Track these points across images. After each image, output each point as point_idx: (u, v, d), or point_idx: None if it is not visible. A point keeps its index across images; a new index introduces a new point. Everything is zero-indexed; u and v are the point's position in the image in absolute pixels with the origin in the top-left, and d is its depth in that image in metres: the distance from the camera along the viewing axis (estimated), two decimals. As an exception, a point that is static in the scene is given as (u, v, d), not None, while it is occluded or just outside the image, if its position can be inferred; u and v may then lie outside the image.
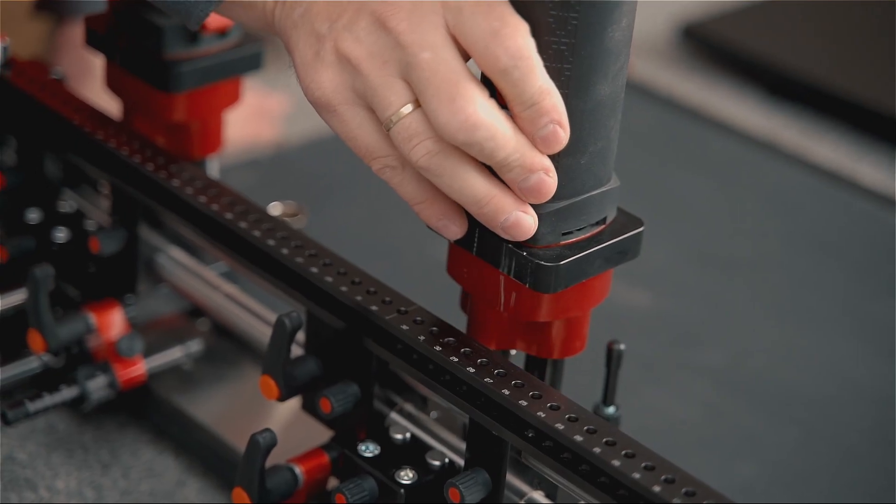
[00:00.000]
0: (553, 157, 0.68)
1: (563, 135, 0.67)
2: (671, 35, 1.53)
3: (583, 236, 0.71)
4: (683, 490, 0.65)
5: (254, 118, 1.30)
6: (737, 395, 0.98)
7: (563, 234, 0.70)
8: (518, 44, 0.65)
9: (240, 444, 0.87)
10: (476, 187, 0.68)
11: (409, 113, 0.67)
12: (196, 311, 0.96)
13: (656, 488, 0.65)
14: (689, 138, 1.29)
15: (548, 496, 0.74)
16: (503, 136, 0.66)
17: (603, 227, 0.73)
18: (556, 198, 0.69)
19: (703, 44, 1.49)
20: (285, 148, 1.27)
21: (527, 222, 0.69)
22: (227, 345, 0.95)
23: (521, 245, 0.70)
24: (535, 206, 0.69)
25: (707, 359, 1.02)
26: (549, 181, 0.68)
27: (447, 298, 0.78)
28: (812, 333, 1.04)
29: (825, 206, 1.21)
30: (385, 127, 0.68)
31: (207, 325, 0.95)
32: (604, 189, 0.72)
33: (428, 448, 0.77)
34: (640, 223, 0.74)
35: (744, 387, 0.98)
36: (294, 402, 0.90)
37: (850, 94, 1.38)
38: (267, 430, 0.74)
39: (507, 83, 0.66)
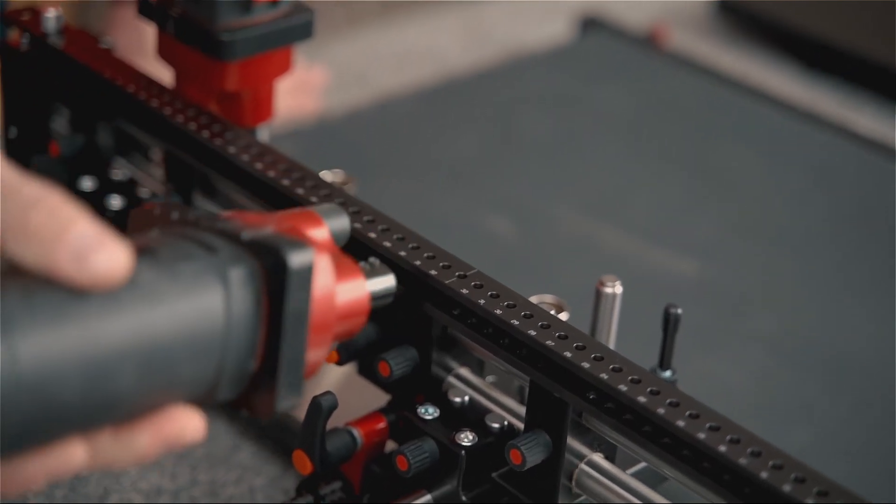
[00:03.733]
0: None
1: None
2: (708, 7, 1.52)
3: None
4: (749, 450, 0.65)
5: (296, 91, 1.30)
6: (790, 362, 0.98)
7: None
8: None
9: (295, 409, 0.88)
10: None
11: None
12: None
13: (722, 448, 0.65)
14: (730, 109, 1.29)
15: (607, 458, 0.74)
16: None
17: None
18: None
19: (739, 16, 1.49)
20: (327, 120, 1.27)
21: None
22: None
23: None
24: None
25: (758, 326, 1.02)
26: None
27: (498, 270, 0.78)
28: (862, 301, 1.04)
29: (869, 175, 1.20)
30: None
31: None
32: None
33: (487, 411, 0.77)
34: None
35: (797, 354, 0.99)
36: (345, 368, 0.90)
37: (889, 63, 1.38)
38: (328, 392, 0.75)
39: None
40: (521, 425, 0.76)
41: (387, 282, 0.69)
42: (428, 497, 0.76)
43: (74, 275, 0.53)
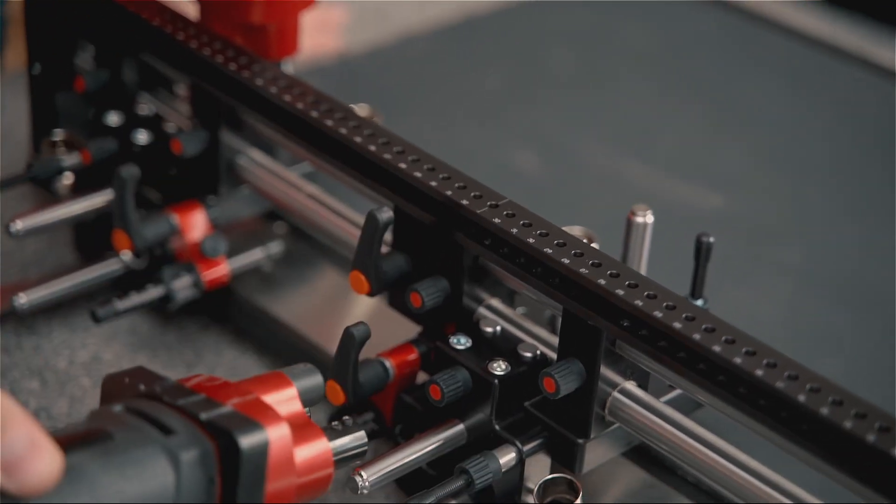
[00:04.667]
0: None
1: None
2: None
3: None
4: (786, 373, 0.65)
5: (316, 30, 1.30)
6: (818, 292, 0.98)
7: None
8: None
9: (323, 342, 0.88)
10: None
11: None
12: (273, 215, 0.96)
13: (759, 372, 0.65)
14: (754, 43, 1.28)
15: (640, 386, 0.74)
16: None
17: None
18: None
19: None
20: (349, 57, 1.26)
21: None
22: (305, 247, 0.95)
23: None
24: None
25: (787, 257, 1.01)
26: None
27: (524, 204, 0.78)
28: (890, 231, 1.04)
29: (893, 107, 1.20)
30: None
31: (284, 229, 0.96)
32: None
33: (518, 341, 0.77)
34: None
35: (825, 284, 0.98)
36: (372, 303, 0.91)
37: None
38: (361, 322, 0.75)
39: None
40: (553, 355, 0.76)
41: (357, 440, 0.71)
42: (461, 426, 0.76)
43: (3, 483, 0.54)
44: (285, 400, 0.67)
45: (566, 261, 0.72)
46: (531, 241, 0.73)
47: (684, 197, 1.07)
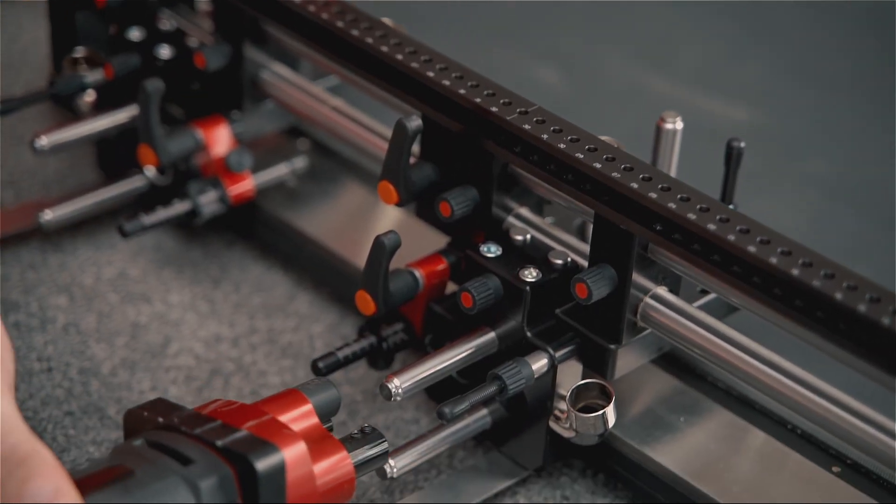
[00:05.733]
0: None
1: None
2: None
3: None
4: (822, 272, 0.65)
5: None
6: (845, 203, 0.97)
7: None
8: None
9: (349, 255, 0.88)
10: None
11: None
12: (296, 132, 0.96)
13: (795, 271, 0.65)
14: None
15: (671, 291, 0.74)
16: None
17: None
18: None
19: None
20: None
21: None
22: (328, 163, 0.95)
23: None
24: None
25: (812, 169, 1.01)
26: None
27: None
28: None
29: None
30: None
31: (307, 145, 0.96)
32: None
33: (548, 249, 0.77)
34: None
35: (851, 195, 0.98)
36: (397, 217, 0.90)
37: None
38: (391, 231, 0.74)
39: None
40: (584, 262, 0.76)
41: (377, 446, 0.71)
42: (492, 334, 0.76)
43: None
44: (301, 416, 0.69)
45: (598, 165, 0.72)
46: (562, 146, 0.73)
47: (709, 110, 1.06)
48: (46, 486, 0.57)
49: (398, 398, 0.73)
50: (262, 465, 0.63)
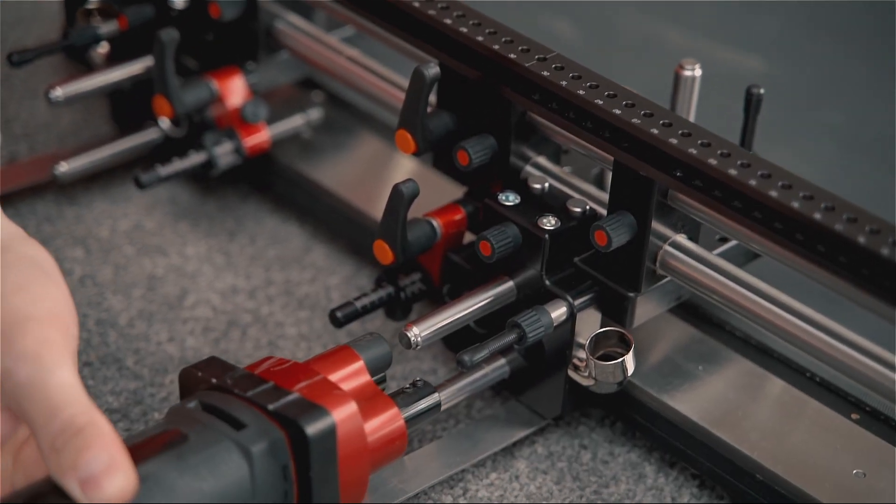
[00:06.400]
0: None
1: None
2: None
3: None
4: (845, 216, 0.64)
5: None
6: (861, 153, 0.97)
7: None
8: None
9: (365, 207, 0.88)
10: None
11: None
12: (310, 83, 0.96)
13: (817, 216, 0.64)
14: None
15: (690, 239, 0.74)
16: None
17: None
18: None
19: None
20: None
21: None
22: (343, 115, 0.95)
23: None
24: None
25: (828, 119, 1.01)
26: None
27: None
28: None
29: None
30: None
31: (321, 97, 0.95)
32: None
33: (567, 198, 0.77)
34: None
35: (868, 145, 0.98)
36: (412, 168, 0.90)
37: None
38: (409, 179, 0.74)
39: None
40: (602, 211, 0.75)
41: (429, 400, 0.73)
42: (510, 283, 0.76)
43: (79, 498, 0.57)
44: (353, 374, 0.70)
45: (618, 112, 0.71)
46: (581, 93, 0.73)
47: (724, 61, 1.06)
48: (101, 456, 0.57)
49: (417, 346, 0.73)
50: (313, 429, 0.64)
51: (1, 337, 0.59)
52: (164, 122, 0.90)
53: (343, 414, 0.65)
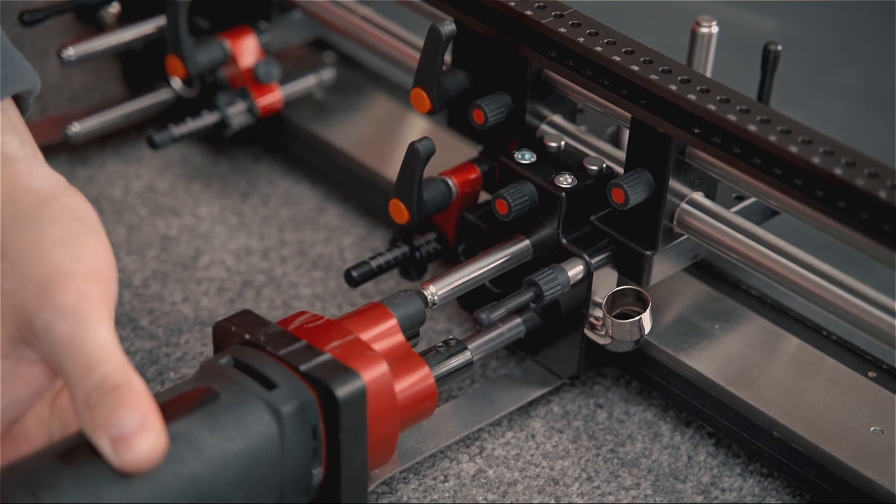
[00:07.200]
0: None
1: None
2: None
3: None
4: (866, 171, 0.64)
5: None
6: (876, 113, 0.96)
7: None
8: None
9: (378, 167, 0.88)
10: None
11: None
12: (322, 44, 0.95)
13: (837, 171, 0.64)
14: None
15: (707, 197, 0.74)
16: None
17: None
18: None
19: None
20: None
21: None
22: (355, 75, 0.94)
23: None
24: None
25: (842, 80, 1.00)
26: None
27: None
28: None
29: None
30: None
31: (333, 58, 0.95)
32: None
33: (583, 156, 0.76)
34: None
35: (882, 105, 0.97)
36: (425, 128, 0.90)
37: None
38: (425, 137, 0.74)
39: None
40: (619, 169, 0.75)
41: (460, 359, 0.73)
42: (526, 241, 0.76)
43: (110, 456, 0.57)
44: (385, 333, 0.70)
45: (635, 68, 0.71)
46: (598, 49, 0.72)
47: (737, 21, 1.05)
48: (133, 416, 0.57)
49: (434, 305, 0.73)
50: (343, 391, 0.64)
51: (40, 291, 0.59)
52: (176, 83, 0.90)
53: (373, 375, 0.65)
